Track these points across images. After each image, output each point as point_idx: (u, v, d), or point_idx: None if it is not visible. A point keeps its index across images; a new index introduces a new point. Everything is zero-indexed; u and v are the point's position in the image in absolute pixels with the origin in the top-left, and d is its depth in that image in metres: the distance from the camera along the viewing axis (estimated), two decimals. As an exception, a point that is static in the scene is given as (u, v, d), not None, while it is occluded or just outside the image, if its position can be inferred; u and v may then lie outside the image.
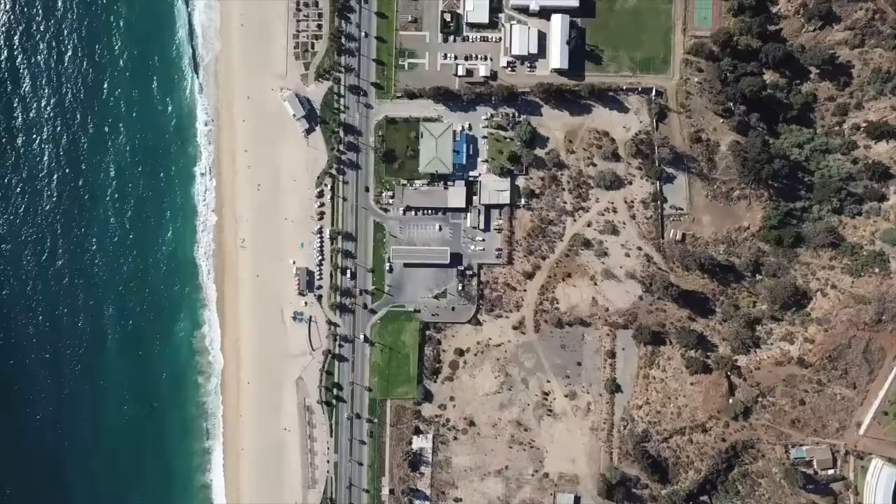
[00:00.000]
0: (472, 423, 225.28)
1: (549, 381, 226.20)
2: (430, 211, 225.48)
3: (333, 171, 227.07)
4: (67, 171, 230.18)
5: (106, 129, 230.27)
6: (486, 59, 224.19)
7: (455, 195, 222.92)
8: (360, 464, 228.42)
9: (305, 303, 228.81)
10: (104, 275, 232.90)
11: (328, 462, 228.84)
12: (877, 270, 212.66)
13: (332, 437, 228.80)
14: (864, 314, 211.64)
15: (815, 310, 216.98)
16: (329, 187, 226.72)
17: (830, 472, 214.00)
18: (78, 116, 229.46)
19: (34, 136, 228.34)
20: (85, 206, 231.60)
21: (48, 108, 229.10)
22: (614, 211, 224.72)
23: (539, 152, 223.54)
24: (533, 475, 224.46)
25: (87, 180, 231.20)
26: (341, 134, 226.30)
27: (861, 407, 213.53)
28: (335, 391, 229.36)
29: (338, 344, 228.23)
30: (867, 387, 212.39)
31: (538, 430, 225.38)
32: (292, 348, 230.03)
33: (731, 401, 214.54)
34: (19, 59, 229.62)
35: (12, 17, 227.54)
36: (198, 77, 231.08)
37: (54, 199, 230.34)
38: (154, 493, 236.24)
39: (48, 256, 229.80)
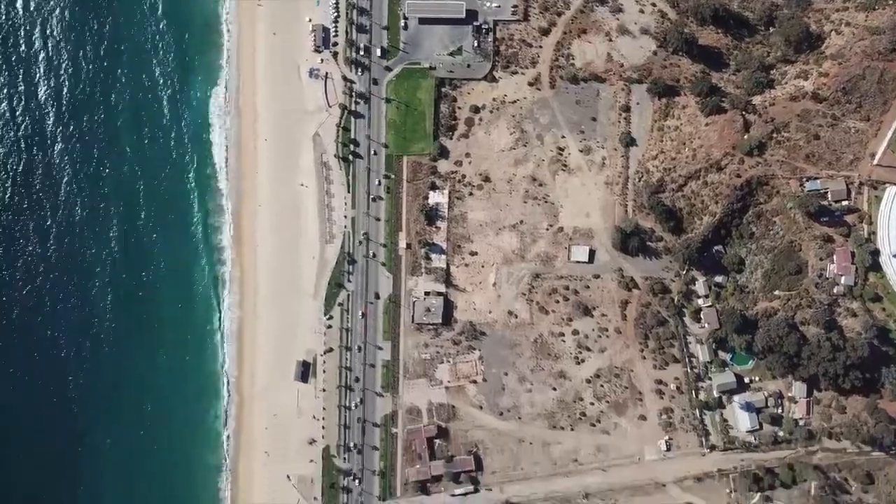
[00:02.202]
0: (487, 179, 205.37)
1: (563, 137, 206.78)
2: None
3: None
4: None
5: None
6: None
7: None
8: (378, 219, 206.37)
9: (321, 59, 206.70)
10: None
11: (345, 217, 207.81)
12: (891, 1, 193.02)
13: (349, 192, 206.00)
14: (878, 44, 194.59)
15: (830, 47, 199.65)
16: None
17: (845, 203, 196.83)
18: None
19: None
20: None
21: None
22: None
23: None
24: (548, 229, 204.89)
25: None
26: None
27: (875, 138, 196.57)
28: (352, 147, 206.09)
29: (354, 101, 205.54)
30: (881, 118, 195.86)
31: (553, 185, 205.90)
32: (309, 105, 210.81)
33: (745, 137, 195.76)
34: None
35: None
36: None
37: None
38: (167, 252, 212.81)
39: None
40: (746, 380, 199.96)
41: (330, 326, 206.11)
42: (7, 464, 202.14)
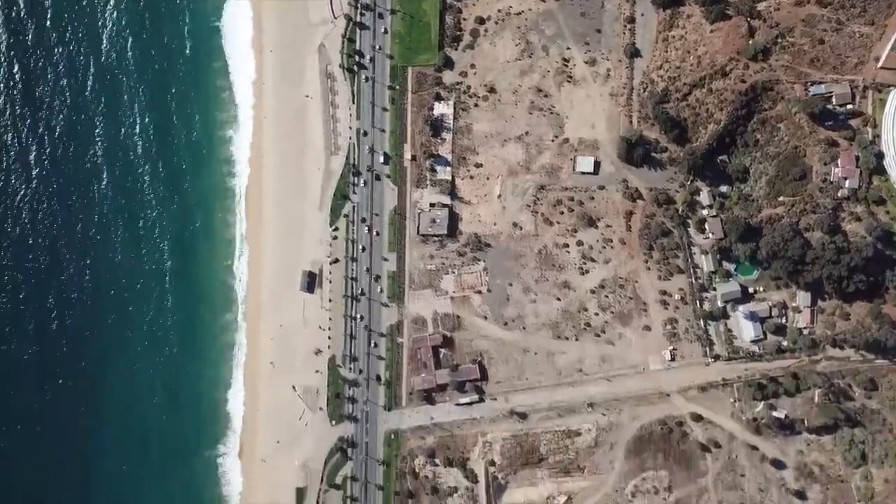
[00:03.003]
0: (492, 90, 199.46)
1: (568, 49, 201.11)
2: None
3: None
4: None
5: None
6: None
7: None
8: (383, 130, 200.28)
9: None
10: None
11: (350, 129, 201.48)
12: None
13: (354, 103, 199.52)
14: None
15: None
16: None
17: (849, 107, 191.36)
18: None
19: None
20: None
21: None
22: None
23: None
24: (553, 140, 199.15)
25: None
26: None
27: (879, 42, 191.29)
28: (357, 58, 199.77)
29: (359, 12, 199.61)
30: (885, 21, 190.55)
31: (558, 96, 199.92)
32: (314, 16, 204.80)
33: (750, 42, 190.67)
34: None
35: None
36: None
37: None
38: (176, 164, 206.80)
39: None
40: (751, 290, 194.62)
41: (335, 238, 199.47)
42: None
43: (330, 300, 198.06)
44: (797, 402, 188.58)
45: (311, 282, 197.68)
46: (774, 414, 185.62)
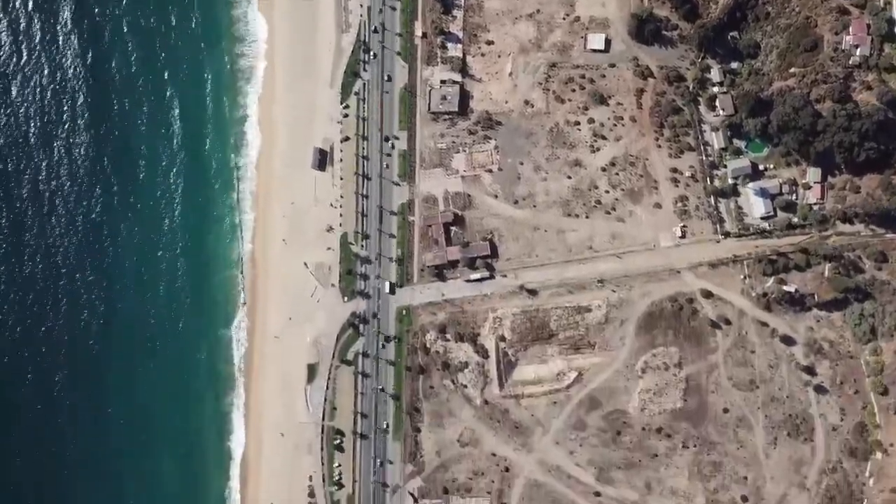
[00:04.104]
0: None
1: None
2: None
3: None
4: None
5: None
6: None
7: None
8: (394, 8, 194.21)
9: None
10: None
11: (361, 6, 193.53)
12: None
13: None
14: None
15: None
16: None
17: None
18: None
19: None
20: None
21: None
22: None
23: None
24: (564, 18, 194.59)
25: None
26: None
27: None
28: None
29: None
30: None
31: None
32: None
33: None
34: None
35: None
36: None
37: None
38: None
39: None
40: (761, 167, 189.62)
41: (346, 115, 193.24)
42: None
43: (341, 178, 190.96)
44: (807, 277, 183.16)
45: (322, 159, 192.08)
46: (785, 288, 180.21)
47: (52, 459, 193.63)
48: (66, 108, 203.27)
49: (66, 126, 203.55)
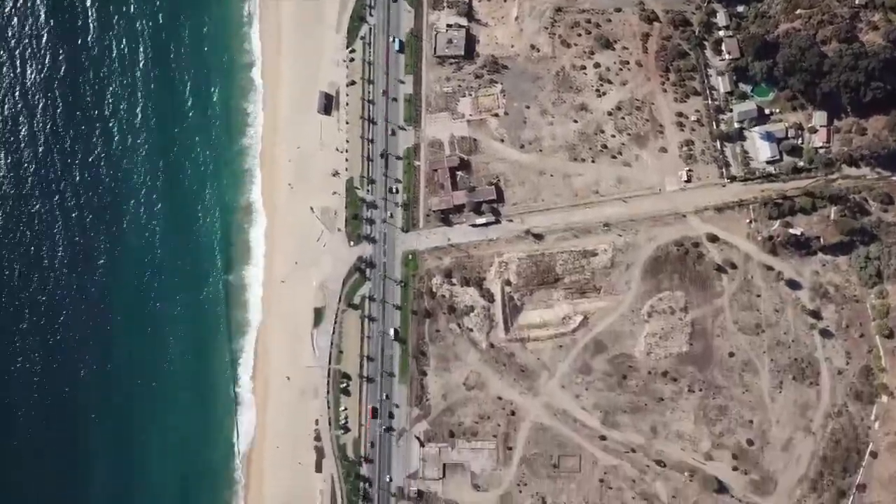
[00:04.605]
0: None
1: None
2: None
3: None
4: None
5: None
6: None
7: None
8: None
9: None
10: None
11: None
12: None
13: None
14: None
15: None
16: None
17: None
18: None
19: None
20: None
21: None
22: None
23: None
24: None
25: None
26: None
27: None
28: None
29: None
30: None
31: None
32: None
33: None
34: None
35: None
36: None
37: None
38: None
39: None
40: (767, 111, 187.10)
41: (352, 59, 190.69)
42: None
43: (347, 122, 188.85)
44: (813, 220, 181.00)
45: (328, 103, 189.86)
46: (790, 231, 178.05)
47: (61, 401, 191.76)
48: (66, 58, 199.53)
49: (70, 75, 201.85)
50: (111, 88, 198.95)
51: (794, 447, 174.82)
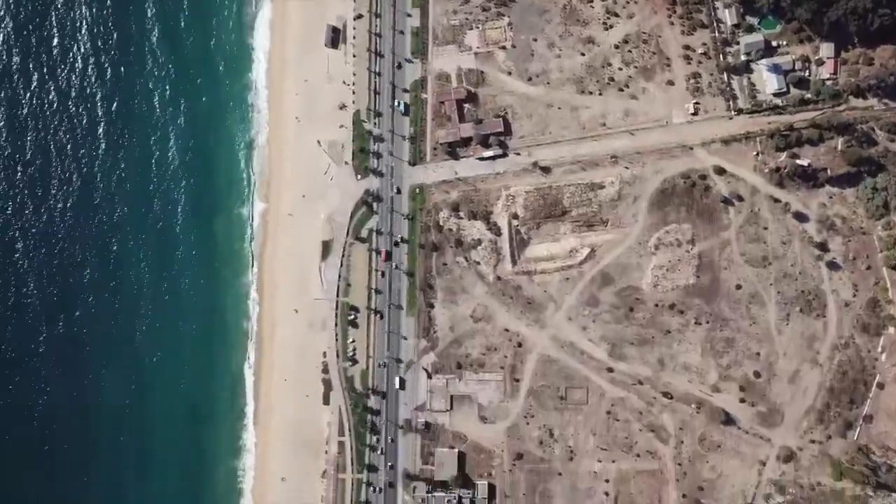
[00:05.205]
0: None
1: None
2: None
3: None
4: None
5: None
6: None
7: None
8: None
9: None
10: None
11: None
12: None
13: None
14: None
15: None
16: None
17: None
18: None
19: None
20: None
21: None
22: None
23: None
24: None
25: None
26: None
27: None
28: None
29: None
30: None
31: None
32: None
33: None
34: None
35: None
36: None
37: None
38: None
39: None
40: (774, 44, 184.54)
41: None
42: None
43: (354, 55, 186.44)
44: (820, 152, 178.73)
45: (336, 37, 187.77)
46: (798, 163, 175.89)
47: (73, 334, 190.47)
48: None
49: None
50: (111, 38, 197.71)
51: (801, 379, 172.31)
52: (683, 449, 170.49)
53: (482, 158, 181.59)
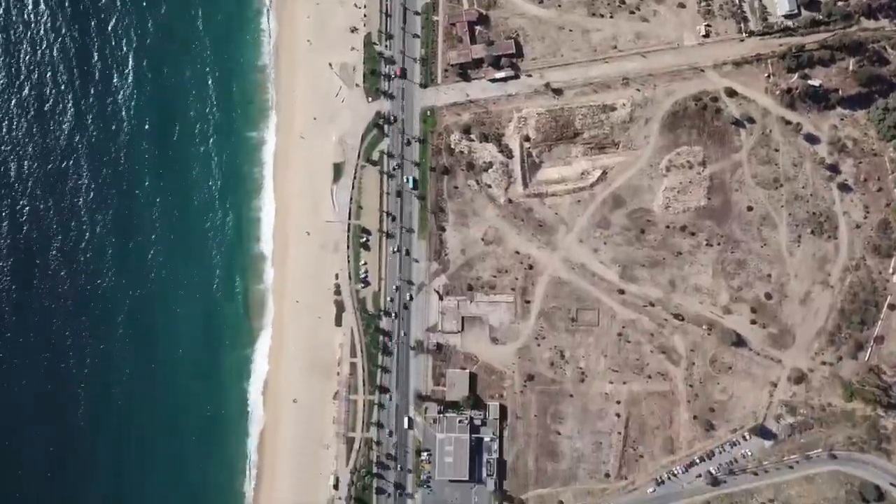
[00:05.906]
0: None
1: None
2: None
3: None
4: None
5: None
6: None
7: None
8: None
9: None
10: None
11: None
12: None
13: None
14: None
15: None
16: None
17: None
18: None
19: None
20: None
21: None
22: None
23: None
24: None
25: None
26: None
27: None
28: None
29: None
30: None
31: None
32: None
33: None
34: None
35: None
36: None
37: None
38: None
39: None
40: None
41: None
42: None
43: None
44: (832, 72, 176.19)
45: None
46: (809, 83, 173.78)
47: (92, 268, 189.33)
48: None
49: None
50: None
51: (813, 301, 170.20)
52: (694, 370, 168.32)
53: (494, 80, 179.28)
